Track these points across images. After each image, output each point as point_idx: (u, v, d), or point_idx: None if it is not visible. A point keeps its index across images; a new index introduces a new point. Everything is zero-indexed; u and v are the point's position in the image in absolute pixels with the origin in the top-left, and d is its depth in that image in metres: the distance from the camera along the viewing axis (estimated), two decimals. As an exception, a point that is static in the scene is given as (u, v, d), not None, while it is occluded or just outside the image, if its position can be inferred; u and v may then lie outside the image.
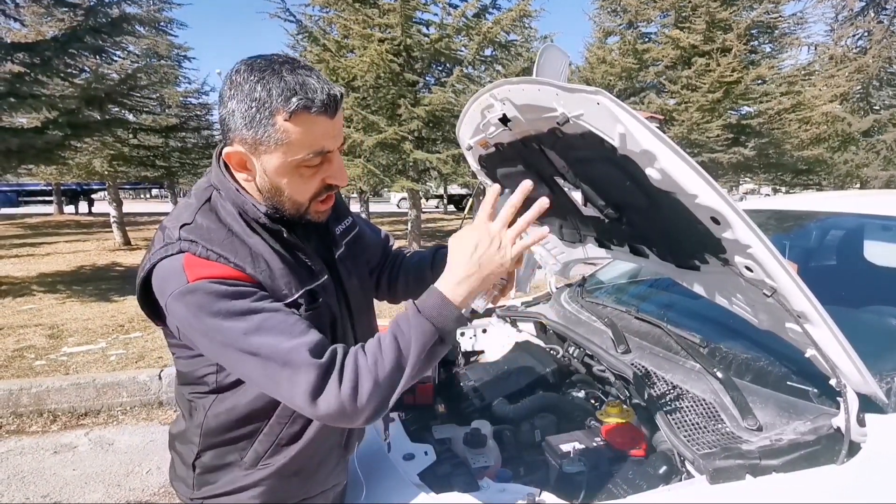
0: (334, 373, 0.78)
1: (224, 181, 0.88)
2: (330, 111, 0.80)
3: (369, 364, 0.79)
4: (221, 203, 0.88)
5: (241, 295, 0.79)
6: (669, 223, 1.24)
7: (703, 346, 1.44)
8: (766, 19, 10.40)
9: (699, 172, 0.96)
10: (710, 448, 1.11)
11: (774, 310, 1.09)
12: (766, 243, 0.96)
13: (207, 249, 0.81)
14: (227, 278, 0.80)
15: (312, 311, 0.88)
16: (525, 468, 1.38)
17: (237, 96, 0.78)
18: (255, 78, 0.77)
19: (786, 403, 1.21)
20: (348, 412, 0.77)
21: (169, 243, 0.83)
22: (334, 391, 0.76)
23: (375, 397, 0.78)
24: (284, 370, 0.77)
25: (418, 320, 0.81)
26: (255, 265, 0.83)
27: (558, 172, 1.57)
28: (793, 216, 1.95)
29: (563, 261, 2.26)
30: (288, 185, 0.84)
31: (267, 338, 0.77)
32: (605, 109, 1.02)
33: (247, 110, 0.78)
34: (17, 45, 5.89)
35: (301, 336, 0.79)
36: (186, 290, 0.78)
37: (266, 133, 0.78)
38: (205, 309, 0.78)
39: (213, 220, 0.85)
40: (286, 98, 0.76)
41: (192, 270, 0.79)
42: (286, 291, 0.85)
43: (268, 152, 0.80)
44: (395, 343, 0.80)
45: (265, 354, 0.77)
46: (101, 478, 2.64)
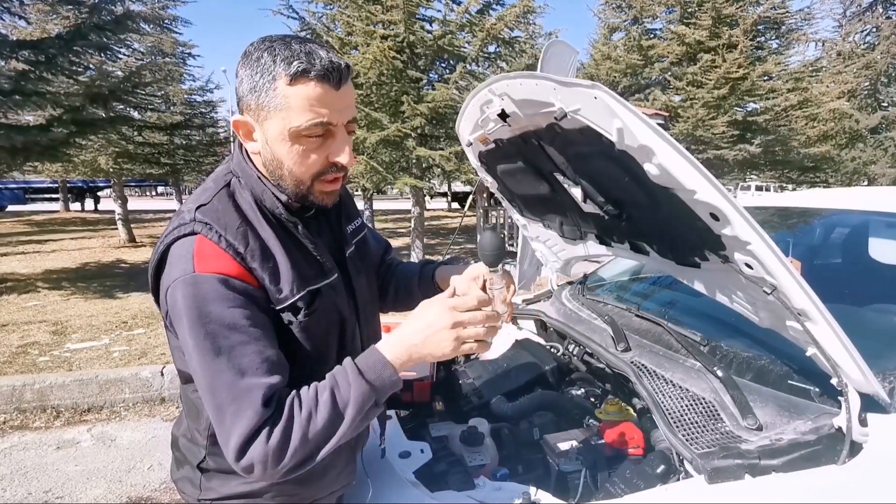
0: (269, 426, 0.76)
1: (245, 168, 0.88)
2: (332, 79, 0.79)
3: (302, 419, 0.78)
4: (240, 190, 0.88)
5: (236, 302, 0.79)
6: (669, 220, 1.22)
7: (703, 344, 1.42)
8: (773, 15, 10.30)
9: (697, 168, 0.94)
10: (708, 447, 1.10)
11: (775, 308, 1.07)
12: (766, 240, 0.94)
13: (220, 236, 0.81)
14: (232, 276, 0.79)
15: (310, 317, 0.87)
16: (523, 466, 1.37)
17: (247, 65, 0.80)
18: (264, 47, 0.79)
19: (786, 402, 1.19)
20: (268, 469, 0.77)
21: (182, 224, 0.83)
22: (261, 445, 0.76)
23: (299, 456, 0.78)
24: (232, 405, 0.77)
25: (359, 382, 0.81)
26: (263, 260, 0.83)
27: (558, 168, 1.56)
28: (796, 213, 1.93)
29: (564, 258, 2.24)
30: (288, 155, 0.82)
31: (232, 364, 0.77)
32: (602, 104, 1.00)
33: (252, 75, 0.79)
34: (21, 43, 5.92)
35: (263, 376, 0.78)
36: (190, 281, 0.78)
37: (268, 97, 0.79)
38: (198, 305, 0.77)
39: (230, 206, 0.85)
40: (288, 62, 0.77)
41: (200, 260, 0.79)
42: (287, 293, 0.84)
43: (269, 118, 0.80)
44: (331, 401, 0.79)
45: (222, 382, 0.77)
46: (103, 473, 2.66)
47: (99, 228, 13.98)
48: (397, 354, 0.84)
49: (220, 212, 0.83)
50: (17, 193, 22.25)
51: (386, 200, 27.64)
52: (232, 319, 0.78)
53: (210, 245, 0.80)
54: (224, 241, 0.80)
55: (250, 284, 0.81)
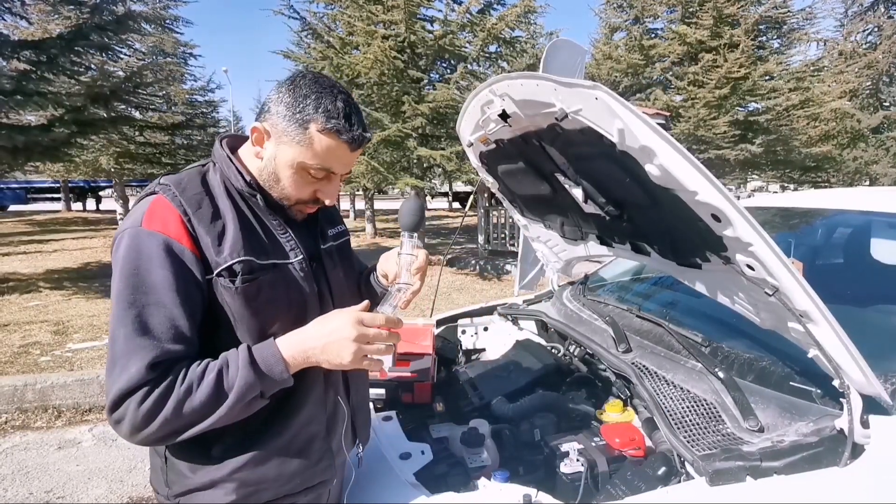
0: (146, 388, 0.78)
1: (219, 152, 0.96)
2: (354, 145, 0.90)
3: (180, 392, 0.79)
4: (212, 172, 0.95)
5: (168, 266, 0.82)
6: (670, 221, 1.22)
7: (704, 345, 1.42)
8: (775, 14, 10.28)
9: (699, 168, 0.94)
10: (710, 449, 1.09)
11: (777, 309, 1.07)
12: (768, 241, 0.94)
13: (174, 195, 0.86)
14: (173, 238, 0.83)
15: (248, 284, 0.87)
16: (524, 467, 1.36)
17: (293, 93, 0.88)
18: (315, 90, 0.88)
19: (788, 404, 1.18)
20: (133, 432, 0.79)
21: (149, 188, 0.91)
22: (134, 405, 0.77)
23: (166, 428, 0.79)
24: (122, 358, 0.79)
25: (247, 371, 0.82)
26: (211, 224, 0.87)
27: (559, 169, 1.55)
28: (798, 213, 1.92)
29: (566, 258, 2.24)
30: (287, 178, 0.91)
31: (138, 320, 0.80)
32: (603, 104, 1.00)
33: (292, 106, 0.87)
34: (23, 43, 5.92)
35: (163, 342, 0.80)
36: (134, 234, 0.83)
37: (296, 131, 0.87)
38: (133, 257, 0.82)
39: (196, 178, 0.92)
40: (327, 117, 0.87)
41: (150, 216, 0.84)
42: (226, 255, 0.86)
43: (287, 145, 0.89)
44: (216, 381, 0.81)
45: (122, 333, 0.79)
46: (104, 473, 2.66)
47: (100, 228, 14.00)
48: (294, 353, 0.86)
49: (183, 180, 0.90)
50: (18, 193, 22.29)
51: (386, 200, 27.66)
52: (156, 280, 0.81)
53: (164, 203, 0.85)
54: (177, 201, 0.86)
55: (188, 249, 0.84)
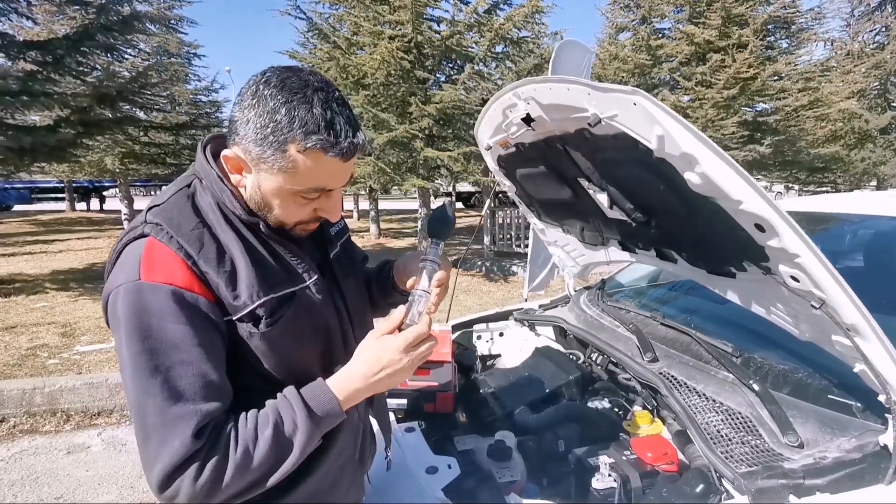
0: (198, 462, 0.70)
1: (206, 169, 0.82)
2: (347, 156, 0.76)
3: (238, 458, 0.72)
4: (200, 192, 0.82)
5: (182, 318, 0.72)
6: (705, 229, 1.18)
7: (735, 355, 1.38)
8: (784, 14, 10.20)
9: (745, 177, 0.90)
10: (749, 466, 1.06)
11: (821, 322, 1.03)
12: (817, 252, 0.90)
13: (171, 237, 0.75)
14: (181, 287, 0.73)
15: (274, 327, 0.79)
16: (549, 480, 1.33)
17: (258, 108, 0.73)
18: (282, 98, 0.73)
19: (827, 418, 1.15)
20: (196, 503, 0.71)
21: (135, 227, 0.77)
22: (189, 482, 0.70)
23: (233, 491, 0.73)
24: (159, 432, 0.70)
25: (308, 424, 0.76)
26: (219, 264, 0.76)
27: (583, 174, 1.52)
28: (826, 219, 1.88)
29: (583, 263, 2.21)
30: (279, 206, 0.80)
31: (166, 387, 0.70)
32: (642, 110, 0.97)
33: (262, 127, 0.73)
34: (29, 44, 5.91)
35: (200, 402, 0.72)
36: (134, 289, 0.72)
37: (273, 156, 0.74)
38: (139, 316, 0.71)
39: (187, 207, 0.79)
40: (307, 132, 0.72)
41: (148, 266, 0.73)
42: (245, 299, 0.77)
43: (268, 172, 0.76)
44: (273, 437, 0.74)
45: (153, 405, 0.70)
46: (115, 479, 2.63)
47: (105, 228, 14.01)
48: (347, 397, 0.80)
49: (174, 212, 0.78)
50: (23, 193, 22.34)
51: (390, 200, 27.66)
52: (175, 337, 0.71)
53: (160, 248, 0.74)
54: (175, 243, 0.74)
55: (201, 296, 0.74)
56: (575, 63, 2.23)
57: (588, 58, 2.18)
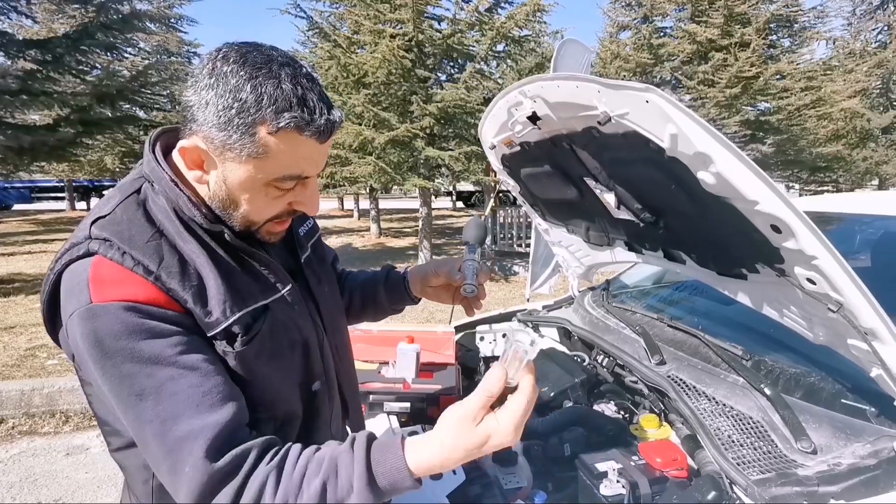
0: (228, 490, 0.61)
1: (157, 170, 0.72)
2: (323, 136, 0.68)
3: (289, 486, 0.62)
4: (153, 197, 0.71)
5: (153, 332, 0.63)
6: (717, 229, 1.16)
7: (745, 358, 1.36)
8: (786, 13, 10.17)
9: (761, 177, 0.87)
10: (762, 472, 1.03)
11: (837, 325, 1.00)
12: (836, 255, 0.88)
13: (123, 253, 0.65)
14: (142, 303, 0.63)
15: (249, 345, 0.71)
16: (555, 485, 1.31)
17: (217, 88, 0.64)
18: (245, 74, 0.64)
19: (841, 423, 1.12)
20: None
21: (76, 243, 0.67)
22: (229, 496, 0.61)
23: None
24: (167, 460, 0.62)
25: (366, 492, 0.63)
26: (183, 278, 0.67)
27: (589, 173, 1.49)
28: (830, 219, 1.86)
29: (588, 264, 2.18)
30: (248, 201, 0.71)
31: (160, 409, 0.62)
32: (655, 108, 0.94)
33: (225, 108, 0.64)
34: (29, 42, 5.90)
35: (207, 413, 0.63)
36: (88, 314, 0.62)
37: (241, 141, 0.65)
38: (101, 342, 0.62)
39: (139, 216, 0.69)
40: (277, 110, 0.64)
41: (98, 287, 0.63)
42: (217, 315, 0.68)
43: (235, 161, 0.67)
44: (321, 494, 0.62)
45: (150, 433, 0.62)
46: (114, 481, 2.61)
47: (105, 228, 13.99)
48: (425, 469, 0.65)
49: (123, 223, 0.68)
50: (22, 192, 22.32)
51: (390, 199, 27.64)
52: (151, 353, 0.63)
53: (110, 266, 0.64)
54: (129, 259, 0.65)
55: (170, 309, 0.65)
56: (576, 62, 2.20)
57: (587, 57, 2.16)
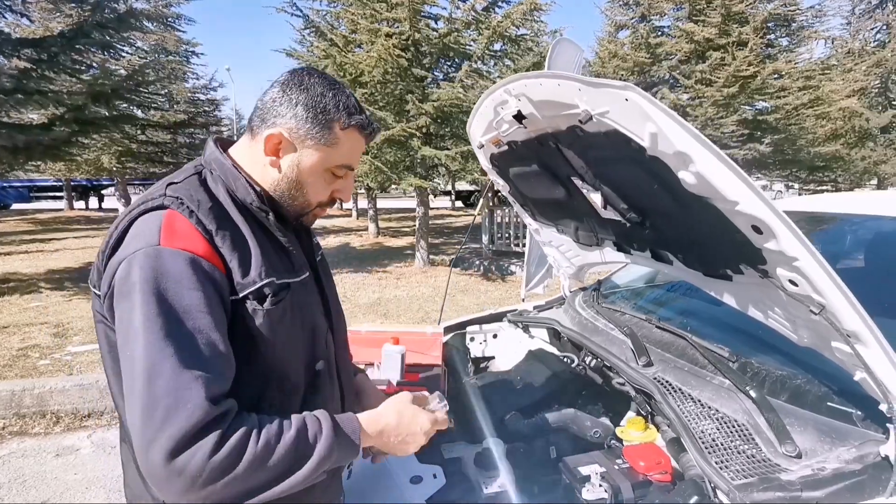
0: (216, 432, 0.67)
1: (220, 159, 0.87)
2: (371, 138, 0.92)
3: (258, 449, 0.70)
4: (212, 180, 0.85)
5: (199, 286, 0.73)
6: (700, 230, 1.14)
7: (732, 360, 1.34)
8: (784, 12, 10.14)
9: (741, 177, 0.86)
10: (745, 477, 1.02)
11: (820, 327, 0.99)
12: (817, 256, 0.86)
13: (191, 212, 0.77)
14: (199, 256, 0.74)
15: (276, 307, 0.81)
16: (539, 488, 1.29)
17: (306, 93, 0.84)
18: (326, 86, 0.86)
19: (827, 427, 1.10)
20: (194, 488, 0.66)
21: (152, 198, 0.78)
22: (203, 454, 0.66)
23: (235, 488, 0.69)
24: (168, 397, 0.66)
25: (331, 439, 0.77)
26: (233, 244, 0.79)
27: (576, 173, 1.48)
28: (823, 219, 1.84)
29: (578, 264, 2.17)
30: (311, 184, 0.88)
31: (180, 351, 0.69)
32: (634, 106, 0.92)
33: (312, 107, 0.84)
34: (23, 41, 5.87)
35: (213, 371, 0.70)
36: (154, 252, 0.72)
37: (320, 132, 0.85)
38: (157, 280, 0.71)
39: (202, 190, 0.82)
40: (349, 113, 0.86)
41: (168, 234, 0.74)
42: (254, 277, 0.79)
43: (311, 148, 0.85)
44: (295, 442, 0.74)
45: (165, 369, 0.67)
46: (103, 482, 2.59)
47: (103, 227, 13.95)
48: (372, 434, 0.85)
49: (192, 190, 0.80)
50: (21, 192, 22.27)
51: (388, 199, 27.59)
52: (191, 303, 0.72)
53: (181, 220, 0.76)
54: (195, 218, 0.76)
55: (218, 269, 0.76)
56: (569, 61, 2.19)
57: (579, 56, 2.14)
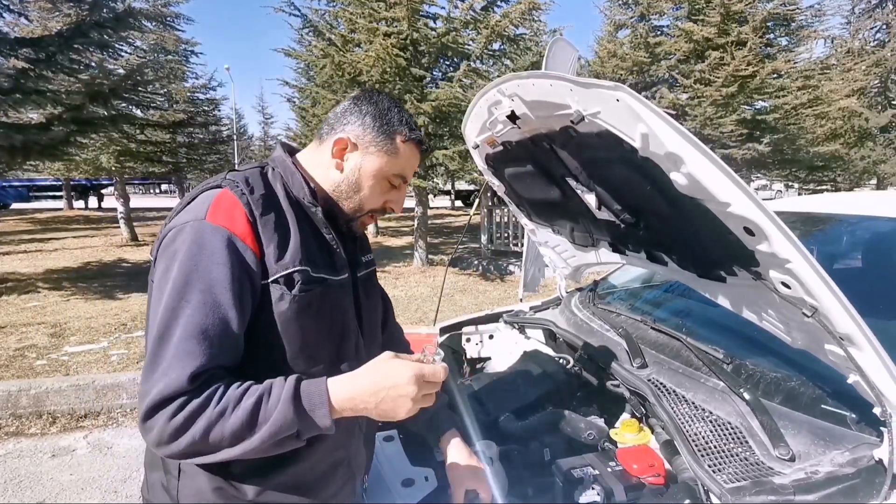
0: (181, 398, 0.73)
1: (282, 157, 0.97)
2: (426, 154, 1.03)
3: (213, 413, 0.74)
4: (272, 175, 0.94)
5: (229, 265, 0.79)
6: (694, 231, 1.13)
7: (726, 362, 1.33)
8: (783, 11, 10.11)
9: (733, 178, 0.85)
10: (738, 480, 1.01)
11: (813, 330, 0.98)
12: (809, 258, 0.85)
13: (242, 193, 0.84)
14: (237, 235, 0.81)
15: (304, 293, 0.86)
16: (533, 490, 1.28)
17: (374, 106, 0.96)
18: (392, 104, 0.98)
19: (821, 430, 1.10)
20: (160, 445, 0.74)
21: (214, 181, 0.89)
22: (164, 417, 0.73)
23: (192, 448, 0.74)
24: (166, 362, 0.74)
25: (288, 406, 0.76)
26: (275, 229, 0.85)
27: (570, 173, 1.47)
28: (822, 219, 1.83)
29: (575, 264, 2.16)
30: (369, 188, 0.96)
31: (192, 320, 0.76)
32: (625, 107, 0.92)
33: (379, 118, 0.95)
34: (21, 41, 5.85)
35: (213, 348, 0.76)
36: (199, 225, 0.80)
37: (384, 141, 0.95)
38: (194, 251, 0.78)
39: (260, 180, 0.90)
40: (410, 127, 0.97)
41: (215, 210, 0.82)
42: (287, 262, 0.84)
43: (374, 154, 0.95)
44: (252, 409, 0.75)
45: (175, 333, 0.75)
46: (98, 483, 2.59)
47: (102, 227, 13.95)
48: (343, 399, 0.79)
49: (251, 178, 0.89)
50: (21, 191, 22.24)
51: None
52: (216, 277, 0.78)
53: (230, 199, 0.84)
54: (244, 199, 0.84)
55: (251, 249, 0.82)
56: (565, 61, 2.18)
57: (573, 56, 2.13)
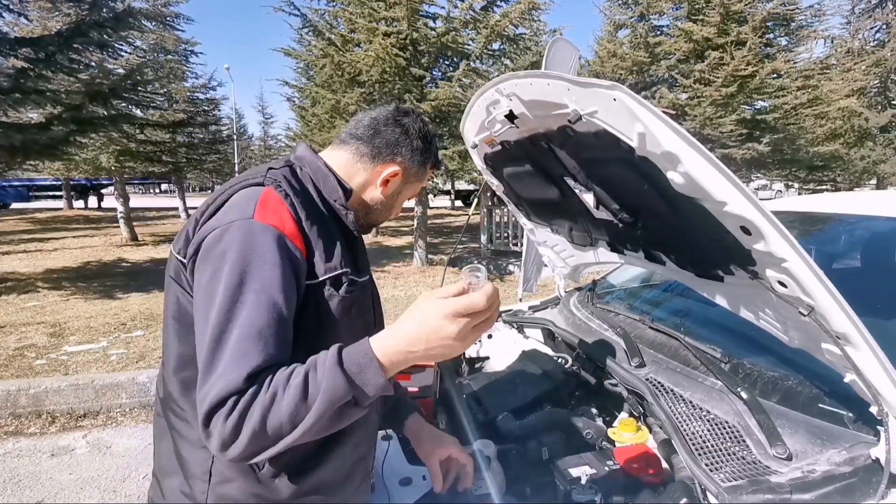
0: (234, 397, 0.70)
1: (311, 157, 0.96)
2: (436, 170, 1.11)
3: (264, 400, 0.70)
4: (302, 175, 0.93)
5: (281, 264, 0.78)
6: (691, 230, 1.13)
7: (724, 361, 1.34)
8: (783, 11, 10.11)
9: (729, 177, 0.85)
10: (734, 479, 1.01)
11: (810, 329, 0.98)
12: (805, 257, 0.85)
13: (286, 194, 0.83)
14: (286, 236, 0.80)
15: (350, 294, 0.88)
16: (532, 489, 1.28)
17: (425, 140, 1.03)
18: (431, 133, 1.05)
19: (818, 429, 1.10)
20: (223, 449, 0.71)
21: (254, 176, 0.87)
22: (221, 420, 0.70)
23: (254, 444, 0.70)
24: (224, 364, 0.71)
25: (335, 371, 0.70)
26: (319, 231, 0.85)
27: (569, 173, 1.47)
28: (820, 219, 1.83)
29: (573, 264, 2.16)
30: (395, 208, 1.06)
31: (248, 322, 0.73)
32: (622, 106, 0.92)
33: (424, 152, 1.03)
34: (20, 40, 5.85)
35: (269, 347, 0.73)
36: (247, 225, 0.78)
37: (420, 171, 1.04)
38: (246, 251, 0.76)
39: (294, 180, 0.90)
40: (436, 156, 1.06)
41: (263, 209, 0.80)
42: (335, 264, 0.85)
43: (412, 183, 1.04)
44: (303, 386, 0.70)
45: (233, 334, 0.72)
46: (97, 483, 2.59)
47: (102, 227, 13.95)
48: (389, 353, 0.72)
49: (289, 178, 0.89)
50: (21, 191, 22.25)
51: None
52: (270, 279, 0.76)
53: (276, 198, 0.82)
54: (290, 200, 0.83)
55: (300, 250, 0.81)
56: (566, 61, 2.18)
57: (574, 56, 2.13)
